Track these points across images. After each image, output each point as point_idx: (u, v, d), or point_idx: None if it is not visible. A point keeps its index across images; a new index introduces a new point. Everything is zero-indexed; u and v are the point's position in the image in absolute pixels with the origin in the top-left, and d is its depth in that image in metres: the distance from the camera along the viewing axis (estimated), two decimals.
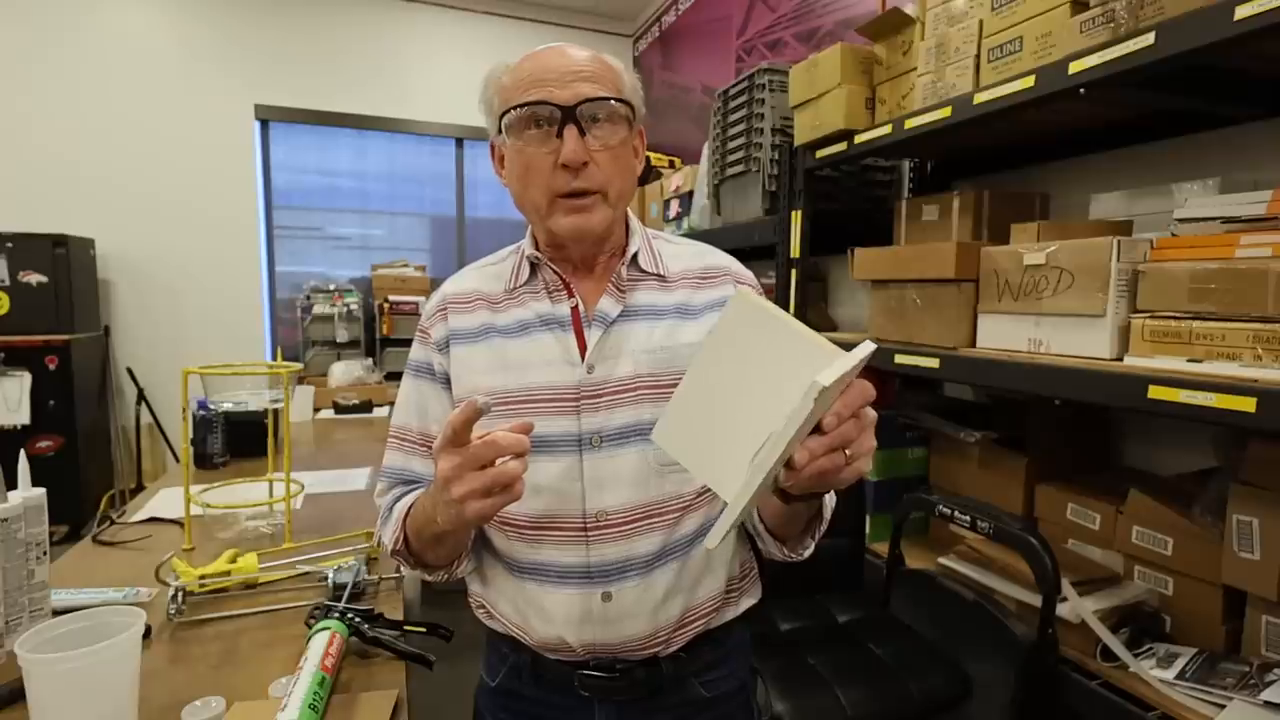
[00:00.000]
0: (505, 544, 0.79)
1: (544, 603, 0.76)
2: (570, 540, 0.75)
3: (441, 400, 0.81)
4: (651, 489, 0.75)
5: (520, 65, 0.75)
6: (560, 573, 0.75)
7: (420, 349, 0.83)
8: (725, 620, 0.83)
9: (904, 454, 1.77)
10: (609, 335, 0.77)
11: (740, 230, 2.15)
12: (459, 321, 0.80)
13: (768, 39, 3.14)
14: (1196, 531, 1.17)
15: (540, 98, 0.71)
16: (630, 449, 0.75)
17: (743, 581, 0.86)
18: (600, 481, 0.74)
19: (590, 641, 0.76)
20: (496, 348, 0.78)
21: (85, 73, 3.72)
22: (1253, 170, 1.29)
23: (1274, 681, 1.00)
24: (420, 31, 4.33)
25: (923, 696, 1.21)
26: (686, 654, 0.80)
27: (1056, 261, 1.18)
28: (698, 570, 0.78)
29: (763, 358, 0.55)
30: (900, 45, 1.59)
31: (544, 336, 0.77)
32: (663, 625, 0.77)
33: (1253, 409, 0.87)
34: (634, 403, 0.75)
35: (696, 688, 0.82)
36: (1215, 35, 0.92)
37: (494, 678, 0.86)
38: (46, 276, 3.35)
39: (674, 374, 0.76)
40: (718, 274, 0.84)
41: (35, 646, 0.68)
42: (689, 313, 0.80)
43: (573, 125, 0.71)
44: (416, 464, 0.82)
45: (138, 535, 1.38)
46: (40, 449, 3.28)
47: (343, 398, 2.91)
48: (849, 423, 0.55)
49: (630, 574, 0.75)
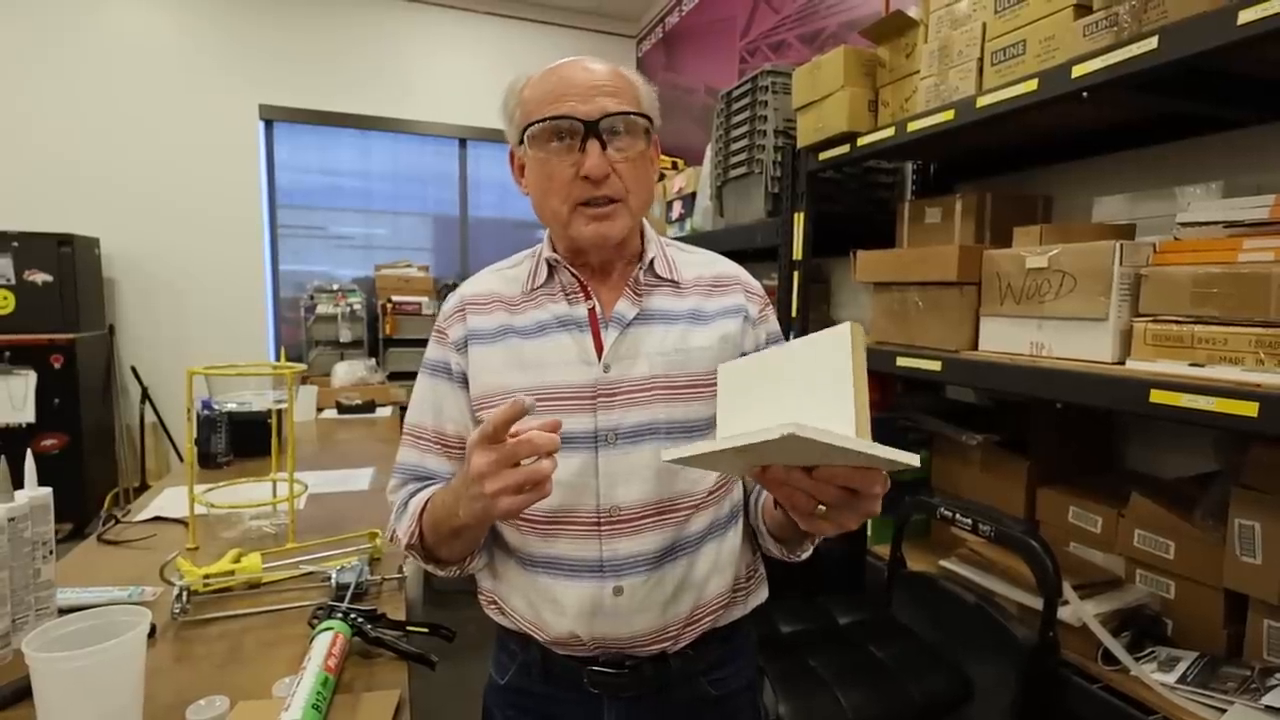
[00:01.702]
0: (519, 538, 0.80)
1: (556, 595, 0.77)
2: (584, 534, 0.77)
3: (458, 399, 0.82)
4: (664, 486, 0.77)
5: (543, 78, 0.77)
6: (573, 566, 0.77)
7: (437, 348, 0.84)
8: (733, 618, 0.84)
9: None
10: (625, 336, 0.79)
11: (743, 232, 2.16)
12: (477, 322, 0.82)
13: (771, 40, 3.14)
14: (1198, 535, 1.17)
15: (564, 112, 0.73)
16: (644, 446, 0.76)
17: (749, 581, 0.87)
18: (614, 477, 0.76)
19: (601, 635, 0.77)
20: (514, 348, 0.79)
21: (90, 73, 3.73)
22: (1257, 174, 1.29)
23: (1275, 686, 1.00)
24: (423, 32, 4.34)
25: (923, 699, 1.21)
26: (694, 651, 0.81)
27: (1059, 265, 1.18)
28: (707, 568, 0.80)
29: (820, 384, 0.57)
30: (903, 48, 1.59)
31: (561, 337, 0.79)
32: (671, 621, 0.78)
33: (1255, 413, 0.87)
34: (649, 402, 0.77)
35: (704, 685, 0.83)
36: (1219, 40, 0.92)
37: (503, 676, 0.87)
38: (52, 276, 3.37)
39: (687, 376, 0.79)
40: (728, 282, 0.87)
41: (42, 645, 0.69)
42: (701, 318, 0.82)
43: (595, 139, 0.73)
44: (431, 461, 0.83)
45: (142, 534, 1.39)
46: (45, 447, 3.30)
47: (346, 398, 2.92)
48: (836, 490, 0.56)
49: (640, 568, 0.76)
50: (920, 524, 1.75)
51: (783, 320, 1.96)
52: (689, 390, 0.78)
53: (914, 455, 0.50)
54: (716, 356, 0.79)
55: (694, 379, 0.78)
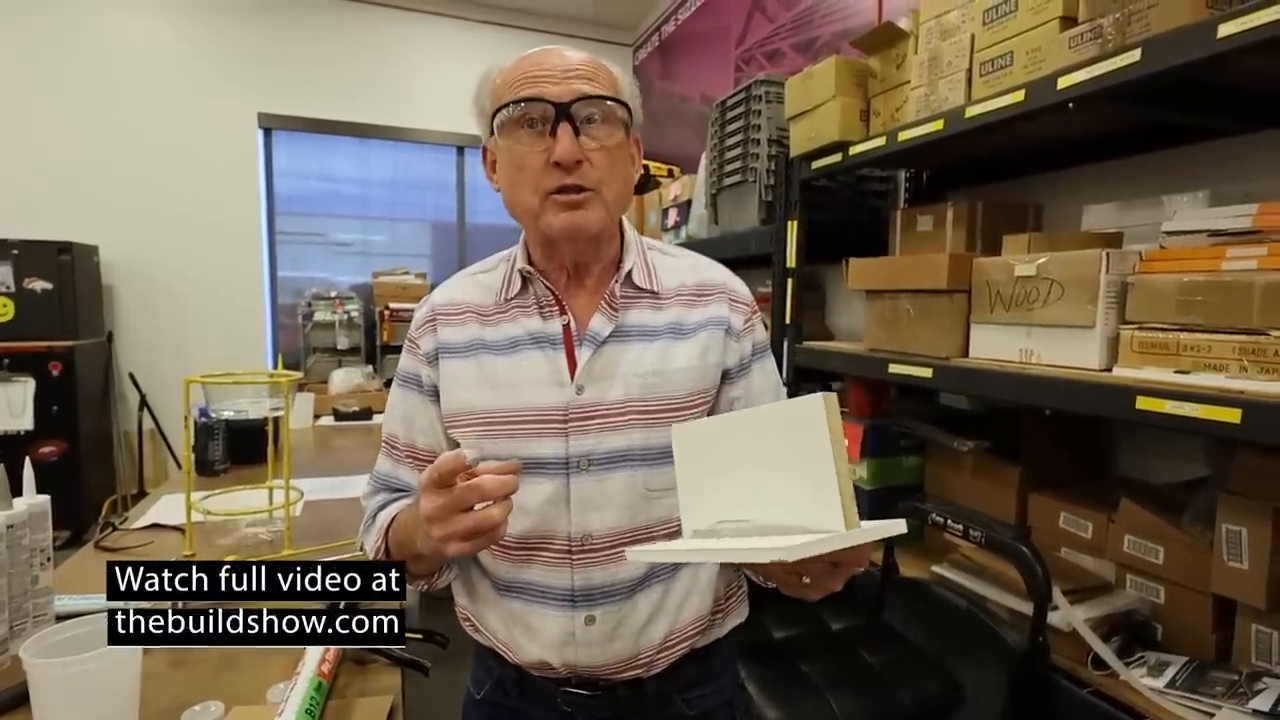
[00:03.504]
0: (491, 562, 0.79)
1: (530, 621, 0.76)
2: (555, 562, 0.75)
3: (428, 413, 0.80)
4: (638, 514, 0.74)
5: (515, 64, 0.73)
6: (544, 593, 0.75)
7: (409, 359, 0.82)
8: (711, 640, 0.83)
9: (898, 462, 1.78)
10: (600, 355, 0.75)
11: (737, 239, 2.17)
12: (448, 334, 0.79)
13: (766, 49, 3.17)
14: (1187, 540, 1.18)
15: (534, 94, 0.69)
16: (619, 473, 0.74)
17: (729, 602, 0.85)
18: (586, 505, 0.73)
19: (573, 663, 0.75)
20: (486, 365, 0.76)
21: (89, 81, 3.75)
22: (1242, 182, 1.30)
23: (1262, 690, 1.01)
24: (421, 41, 4.37)
25: (915, 704, 1.21)
26: (670, 673, 0.79)
27: (1047, 273, 1.19)
28: (682, 593, 0.78)
29: (796, 460, 0.54)
30: (894, 58, 1.61)
31: (534, 354, 0.76)
32: (645, 648, 0.76)
33: (1238, 420, 0.88)
34: (624, 428, 0.74)
35: (680, 705, 0.81)
36: (1200, 52, 0.94)
37: (479, 690, 0.86)
38: (51, 283, 3.38)
39: (664, 400, 0.75)
40: (712, 290, 0.82)
41: (39, 651, 0.70)
42: (682, 332, 0.78)
43: (567, 123, 0.69)
44: (404, 473, 0.82)
45: (140, 542, 1.39)
46: (43, 454, 3.30)
47: (343, 404, 2.92)
48: (820, 564, 0.56)
49: (614, 597, 0.74)
50: (913, 530, 1.76)
51: (777, 327, 1.97)
52: (666, 415, 0.74)
53: (900, 523, 0.49)
54: (699, 375, 0.77)
55: (672, 402, 0.75)
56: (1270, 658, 1.08)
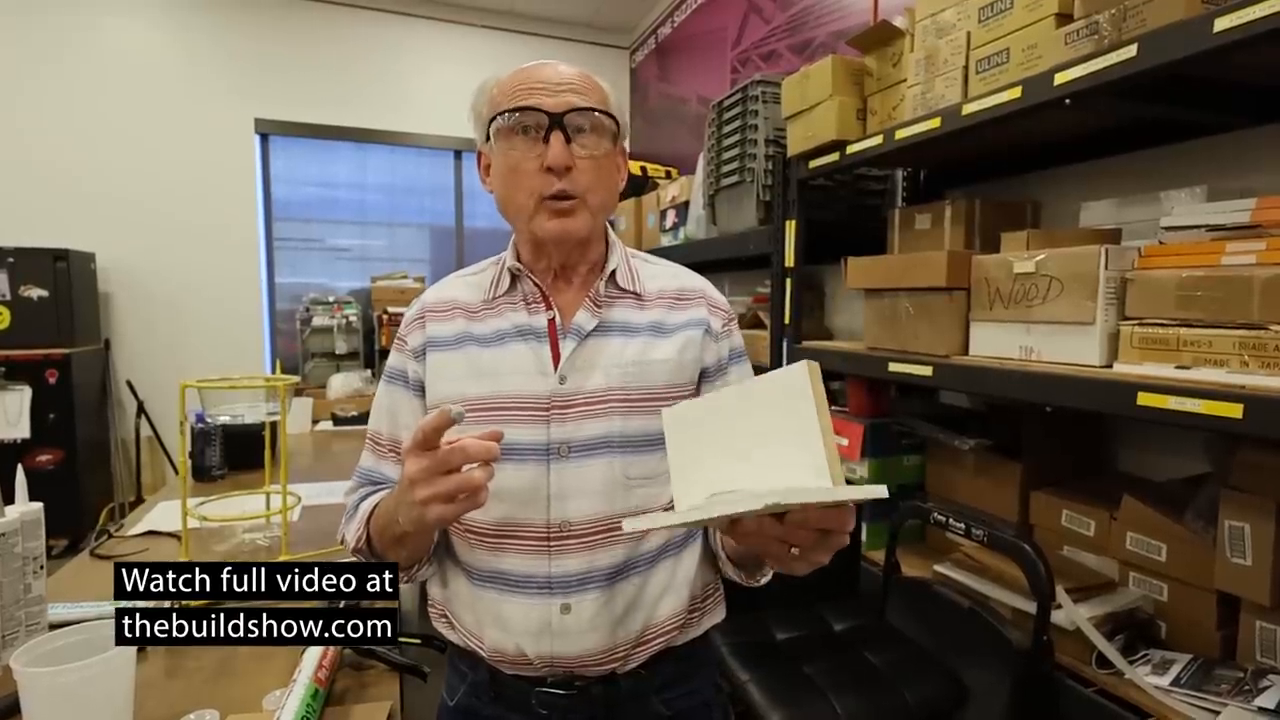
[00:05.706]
0: (467, 551, 0.79)
1: (502, 611, 0.76)
2: (532, 549, 0.75)
3: (412, 407, 0.82)
4: (617, 502, 0.76)
5: (512, 76, 0.78)
6: (520, 582, 0.76)
7: (397, 356, 0.84)
8: (688, 639, 0.82)
9: (900, 461, 1.77)
10: (583, 348, 0.78)
11: (736, 240, 2.17)
12: (436, 329, 0.81)
13: (762, 50, 3.17)
14: (1190, 537, 1.17)
15: (530, 104, 0.74)
16: (598, 460, 0.76)
17: (705, 602, 0.85)
18: (565, 491, 0.75)
19: (547, 654, 0.75)
20: (472, 356, 0.79)
21: (86, 87, 3.75)
22: (1240, 178, 1.30)
23: (1268, 687, 1.00)
24: (418, 45, 4.37)
25: (918, 705, 1.21)
26: (645, 670, 0.79)
27: (1046, 270, 1.19)
28: (659, 588, 0.79)
29: (783, 427, 0.55)
30: (890, 57, 1.61)
31: (519, 346, 0.78)
32: (621, 641, 0.76)
33: (1239, 415, 0.87)
34: (604, 415, 0.76)
35: (656, 704, 0.81)
36: (1196, 47, 0.93)
37: (453, 697, 0.85)
38: (47, 290, 3.37)
39: (643, 389, 0.77)
40: (692, 296, 0.85)
41: (31, 660, 0.69)
42: (662, 331, 0.81)
43: (559, 131, 0.74)
44: (386, 468, 0.84)
45: (135, 549, 1.39)
46: (40, 463, 3.29)
47: (341, 409, 2.92)
48: (809, 532, 0.56)
49: (590, 587, 0.75)
50: (915, 529, 1.75)
51: (777, 327, 1.97)
52: (646, 404, 0.77)
53: (882, 488, 0.51)
54: (676, 368, 0.79)
55: (651, 392, 0.78)
56: (1275, 654, 1.07)
